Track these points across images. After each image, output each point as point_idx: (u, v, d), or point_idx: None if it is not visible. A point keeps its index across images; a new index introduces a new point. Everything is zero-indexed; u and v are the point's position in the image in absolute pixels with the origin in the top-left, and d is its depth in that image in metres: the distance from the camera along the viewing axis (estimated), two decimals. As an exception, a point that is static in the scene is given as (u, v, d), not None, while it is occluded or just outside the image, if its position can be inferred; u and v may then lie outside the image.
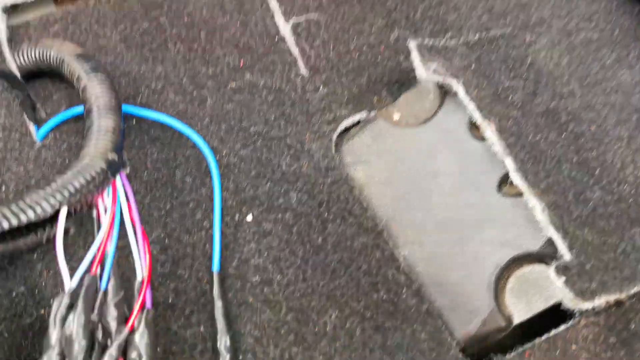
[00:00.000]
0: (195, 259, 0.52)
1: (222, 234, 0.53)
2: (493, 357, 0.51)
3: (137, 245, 0.47)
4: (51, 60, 0.54)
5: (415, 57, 0.58)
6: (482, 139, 0.57)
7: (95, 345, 0.42)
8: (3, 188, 0.52)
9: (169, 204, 0.54)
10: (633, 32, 0.64)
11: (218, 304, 0.49)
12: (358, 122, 0.62)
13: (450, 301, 0.53)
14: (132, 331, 0.44)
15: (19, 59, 0.55)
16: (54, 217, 0.43)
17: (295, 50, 0.64)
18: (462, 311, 0.53)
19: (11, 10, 0.62)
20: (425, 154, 0.58)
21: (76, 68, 0.52)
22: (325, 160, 0.58)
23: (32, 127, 0.55)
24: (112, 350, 0.42)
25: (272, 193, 0.56)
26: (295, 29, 0.65)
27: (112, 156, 0.46)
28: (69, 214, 0.43)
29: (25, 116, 0.55)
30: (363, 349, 0.50)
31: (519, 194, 0.55)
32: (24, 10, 0.63)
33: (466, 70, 0.57)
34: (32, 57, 0.55)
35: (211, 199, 0.55)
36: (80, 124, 0.56)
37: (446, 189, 0.56)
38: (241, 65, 0.62)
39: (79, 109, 0.55)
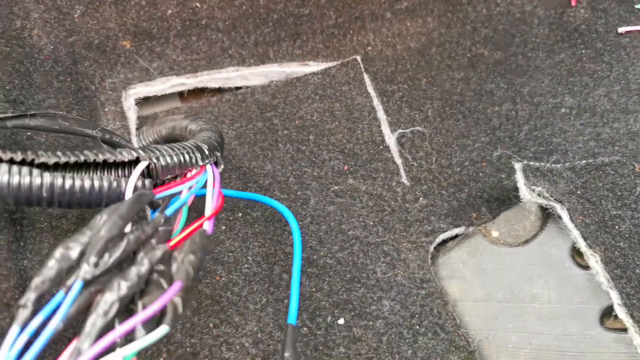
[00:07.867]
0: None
1: (313, 335, 0.54)
2: None
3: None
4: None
5: (519, 178, 0.59)
6: (585, 267, 0.55)
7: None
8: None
9: (265, 299, 0.56)
10: None
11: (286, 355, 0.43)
12: (455, 236, 0.62)
13: None
14: (174, 249, 0.38)
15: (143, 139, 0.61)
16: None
17: (398, 160, 0.66)
18: None
19: (143, 102, 0.68)
20: (523, 276, 0.57)
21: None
22: (420, 271, 0.58)
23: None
24: (142, 260, 0.36)
25: (365, 299, 0.56)
26: (400, 139, 0.67)
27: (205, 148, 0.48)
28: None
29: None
30: None
31: (623, 329, 0.52)
32: (153, 103, 0.70)
33: (571, 195, 0.56)
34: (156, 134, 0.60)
35: (305, 298, 0.56)
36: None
37: (544, 315, 0.55)
38: (345, 169, 0.65)
39: None
